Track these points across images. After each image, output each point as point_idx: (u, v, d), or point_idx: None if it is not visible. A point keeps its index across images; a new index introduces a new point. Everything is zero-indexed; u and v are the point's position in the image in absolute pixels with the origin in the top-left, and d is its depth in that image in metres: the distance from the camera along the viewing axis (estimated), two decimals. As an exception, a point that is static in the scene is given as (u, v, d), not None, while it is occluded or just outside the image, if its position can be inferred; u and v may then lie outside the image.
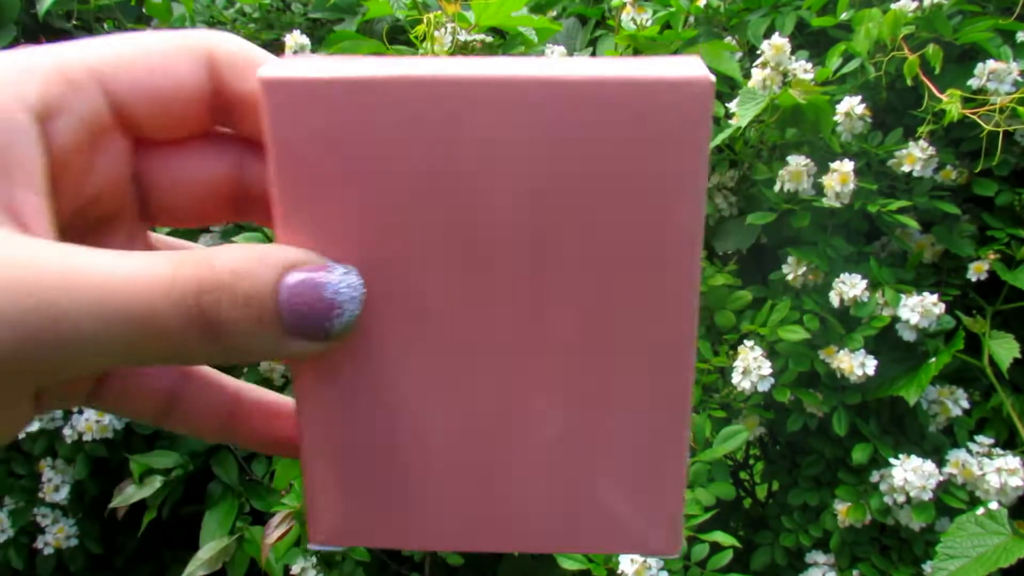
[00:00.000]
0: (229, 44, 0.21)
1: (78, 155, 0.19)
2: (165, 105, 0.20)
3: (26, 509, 0.95)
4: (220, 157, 0.22)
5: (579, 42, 0.96)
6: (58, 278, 0.16)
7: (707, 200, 0.83)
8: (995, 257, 0.76)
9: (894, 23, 0.73)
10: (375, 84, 0.18)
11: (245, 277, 0.18)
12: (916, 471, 0.70)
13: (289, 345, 0.18)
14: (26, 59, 0.19)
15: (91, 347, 0.17)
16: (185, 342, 0.17)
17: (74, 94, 0.19)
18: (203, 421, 0.23)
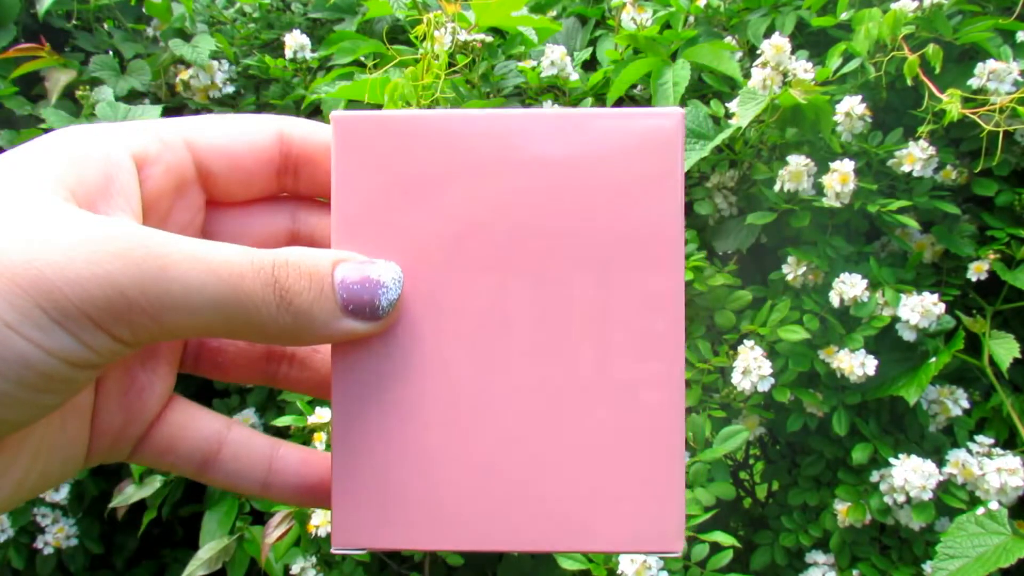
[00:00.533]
0: (297, 120, 0.25)
1: (162, 198, 0.23)
2: (240, 164, 0.24)
3: (26, 509, 0.95)
4: (278, 213, 0.26)
5: (579, 42, 0.96)
6: (164, 242, 0.20)
7: (707, 200, 0.83)
8: (995, 257, 0.76)
9: (894, 23, 0.73)
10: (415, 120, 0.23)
11: (306, 260, 0.22)
12: (916, 471, 0.70)
13: (343, 322, 0.22)
14: (129, 124, 0.23)
15: (190, 296, 0.20)
16: (265, 303, 0.21)
17: (165, 149, 0.23)
18: (244, 470, 0.25)
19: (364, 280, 0.22)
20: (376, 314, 0.22)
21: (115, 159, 0.22)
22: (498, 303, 0.23)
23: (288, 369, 0.28)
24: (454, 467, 0.23)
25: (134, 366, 0.24)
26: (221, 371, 0.27)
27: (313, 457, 0.26)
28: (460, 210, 0.23)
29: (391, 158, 0.23)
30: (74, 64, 0.95)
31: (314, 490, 0.25)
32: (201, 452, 0.25)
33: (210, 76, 0.96)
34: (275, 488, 0.25)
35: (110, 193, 0.21)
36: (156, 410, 0.24)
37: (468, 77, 0.83)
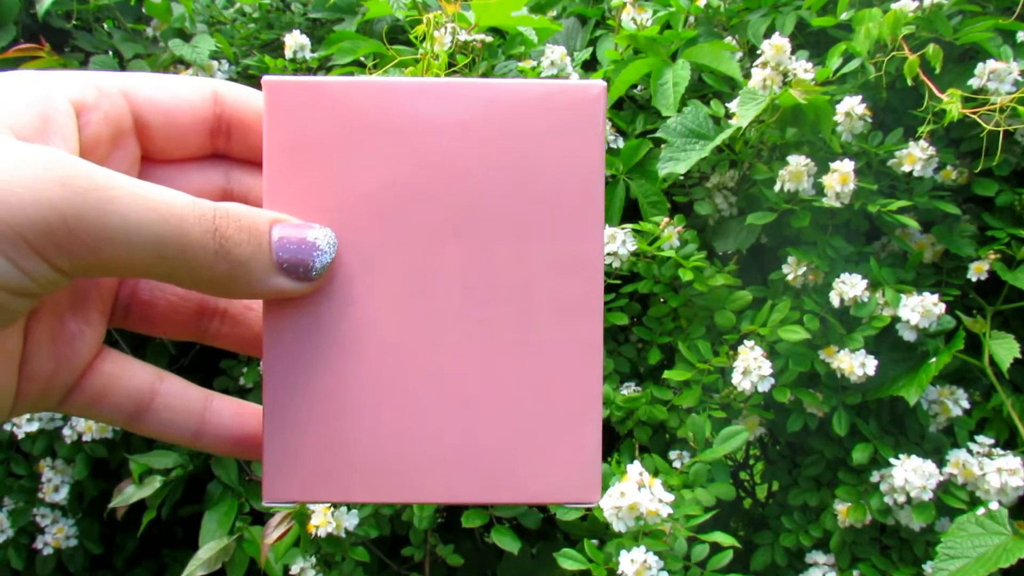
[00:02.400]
0: (231, 84, 0.26)
1: (99, 146, 0.23)
2: (176, 119, 0.25)
3: (26, 509, 0.95)
4: (212, 172, 0.26)
5: (579, 42, 0.96)
6: (109, 176, 0.20)
7: (707, 200, 0.83)
8: (995, 257, 0.76)
9: (894, 23, 0.73)
10: (345, 85, 0.24)
11: (246, 215, 0.22)
12: (916, 471, 0.70)
13: (277, 279, 0.22)
14: (69, 72, 0.23)
15: (130, 232, 0.20)
16: (204, 250, 0.21)
17: (103, 97, 0.23)
18: (175, 420, 0.25)
19: (300, 241, 0.23)
20: (309, 275, 0.23)
21: (53, 101, 0.22)
22: (426, 264, 0.24)
23: (220, 325, 0.28)
24: (383, 423, 0.24)
25: (64, 313, 0.24)
26: (151, 324, 0.27)
27: (245, 410, 0.26)
28: (389, 174, 0.24)
29: (322, 123, 0.24)
30: (74, 64, 0.94)
31: (245, 442, 0.26)
32: (132, 402, 0.25)
33: (210, 76, 0.96)
34: (206, 438, 0.25)
35: (48, 133, 0.21)
36: (87, 358, 0.24)
37: (468, 77, 0.83)
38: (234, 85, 0.26)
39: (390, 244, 0.24)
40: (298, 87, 0.24)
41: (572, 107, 0.24)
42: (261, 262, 0.22)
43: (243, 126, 0.26)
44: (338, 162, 0.24)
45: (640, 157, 0.82)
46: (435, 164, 0.24)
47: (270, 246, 0.22)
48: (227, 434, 0.26)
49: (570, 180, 0.24)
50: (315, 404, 0.24)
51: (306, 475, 0.24)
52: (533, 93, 0.24)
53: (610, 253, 0.77)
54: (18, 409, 0.23)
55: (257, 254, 0.22)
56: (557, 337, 0.24)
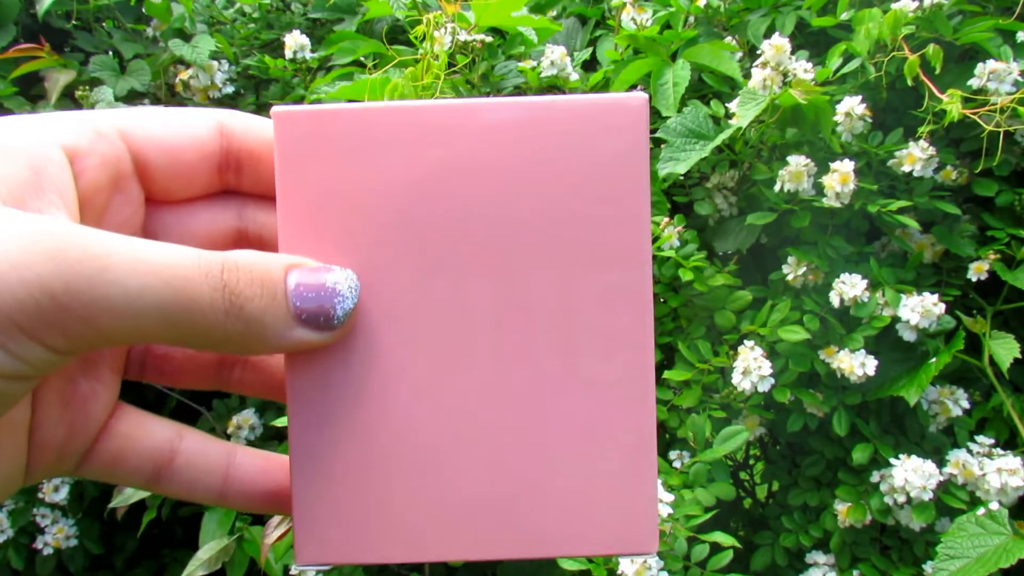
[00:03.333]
0: (238, 114, 0.24)
1: (98, 193, 0.21)
2: (179, 158, 0.23)
3: (26, 509, 0.95)
4: (223, 211, 0.24)
5: (579, 42, 0.96)
6: (103, 241, 0.18)
7: (707, 200, 0.83)
8: (995, 257, 0.76)
9: (894, 23, 0.73)
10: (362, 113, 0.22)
11: (258, 264, 0.20)
12: (916, 471, 0.70)
13: (296, 331, 0.21)
14: (59, 115, 0.21)
15: (130, 301, 0.18)
16: (213, 310, 0.19)
17: (99, 140, 0.21)
18: (199, 480, 0.24)
19: (319, 288, 0.21)
20: (331, 324, 0.21)
21: (44, 151, 0.20)
22: (457, 304, 0.22)
23: (241, 373, 0.26)
24: (419, 477, 0.22)
25: (75, 375, 0.22)
26: (168, 378, 0.26)
27: (271, 464, 0.24)
28: (412, 206, 0.22)
29: (338, 155, 0.22)
30: (74, 64, 0.94)
31: (273, 497, 0.24)
32: (152, 462, 0.23)
33: (210, 76, 0.96)
34: (232, 497, 0.24)
35: (40, 188, 0.19)
36: (101, 421, 0.23)
37: (468, 77, 0.83)
38: (240, 115, 0.24)
39: (418, 282, 0.22)
40: (311, 117, 0.22)
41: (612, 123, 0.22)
42: (278, 316, 0.20)
43: (253, 159, 0.24)
44: (357, 195, 0.22)
45: (640, 157, 0.82)
46: (462, 192, 0.22)
47: (286, 296, 0.20)
48: (254, 491, 0.24)
49: (613, 203, 0.22)
50: (345, 459, 0.22)
51: (339, 536, 0.22)
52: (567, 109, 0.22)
53: (610, 253, 0.77)
54: (31, 479, 0.22)
55: (272, 307, 0.20)
56: (605, 375, 0.22)
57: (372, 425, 0.22)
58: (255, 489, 0.24)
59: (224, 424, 0.88)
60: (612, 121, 0.22)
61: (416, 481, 0.22)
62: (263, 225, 0.25)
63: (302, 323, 0.21)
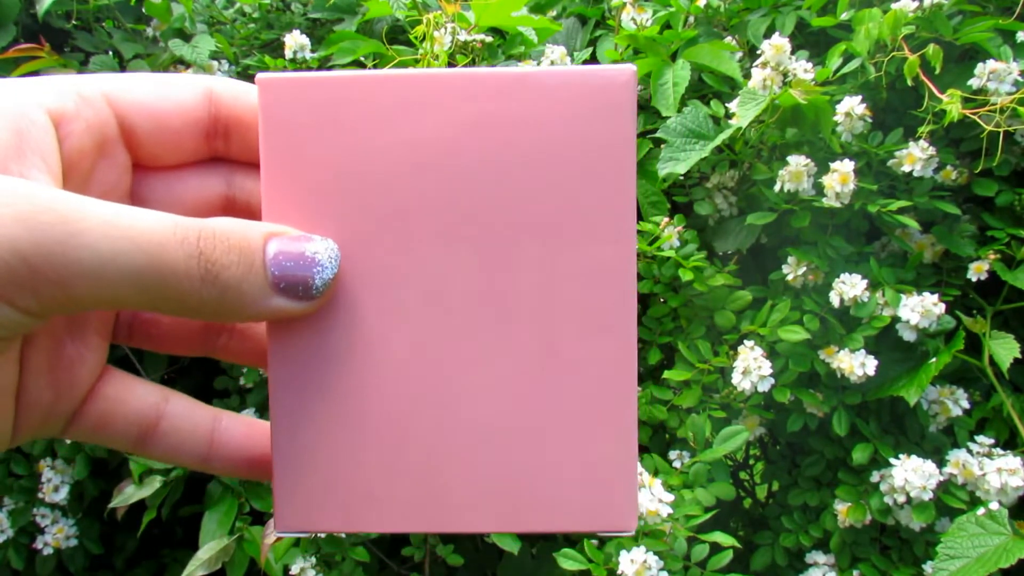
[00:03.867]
0: (227, 80, 0.24)
1: (83, 158, 0.21)
2: (165, 123, 0.22)
3: (26, 509, 0.95)
4: (211, 177, 0.24)
5: (579, 42, 0.96)
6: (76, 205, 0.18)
7: (707, 200, 0.83)
8: (995, 257, 0.76)
9: (894, 23, 0.73)
10: (348, 81, 0.21)
11: (236, 232, 0.20)
12: (916, 471, 0.70)
13: (274, 300, 0.20)
14: (44, 79, 0.21)
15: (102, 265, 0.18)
16: (188, 277, 0.19)
17: (84, 104, 0.21)
18: (184, 444, 0.24)
19: (298, 257, 0.21)
20: (309, 294, 0.21)
21: (27, 115, 0.20)
22: (440, 276, 0.22)
23: (228, 340, 0.26)
24: (398, 447, 0.22)
25: (62, 338, 0.22)
26: (156, 342, 0.26)
27: (256, 430, 0.24)
28: (396, 175, 0.22)
29: (323, 123, 0.21)
30: (74, 64, 0.94)
31: (257, 464, 0.24)
32: (138, 426, 0.23)
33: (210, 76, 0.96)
34: (217, 461, 0.24)
35: (23, 152, 0.19)
36: (88, 384, 0.23)
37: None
38: (229, 81, 0.24)
39: (400, 252, 0.22)
40: (295, 84, 0.21)
41: (598, 95, 0.21)
42: (254, 284, 0.20)
43: (242, 126, 0.23)
44: (340, 164, 0.22)
45: (640, 157, 0.83)
46: (446, 162, 0.21)
47: (264, 265, 0.20)
48: (238, 456, 0.24)
49: (597, 177, 0.21)
50: (325, 429, 0.22)
51: (319, 504, 0.22)
52: (553, 81, 0.21)
53: (610, 253, 0.77)
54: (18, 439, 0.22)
55: (249, 275, 0.20)
56: (586, 352, 0.22)
57: (352, 395, 0.22)
58: (239, 455, 0.24)
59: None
60: (599, 94, 0.21)
61: (395, 452, 0.22)
62: (251, 192, 0.25)
63: (280, 292, 0.21)
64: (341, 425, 0.22)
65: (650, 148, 0.82)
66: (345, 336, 0.22)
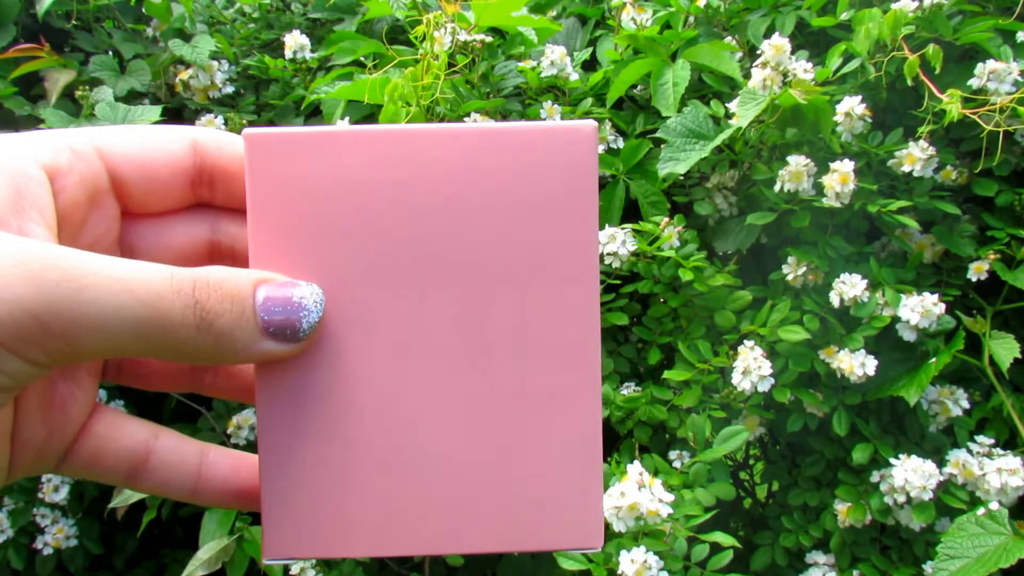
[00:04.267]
0: (211, 131, 0.25)
1: (76, 210, 0.23)
2: (154, 174, 0.24)
3: (26, 509, 0.95)
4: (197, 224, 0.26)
5: (579, 42, 0.96)
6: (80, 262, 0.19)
7: (707, 200, 0.83)
8: (995, 257, 0.76)
9: (894, 23, 0.73)
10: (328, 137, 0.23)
11: (228, 281, 0.21)
12: (916, 471, 0.70)
13: (263, 344, 0.22)
14: (39, 134, 0.22)
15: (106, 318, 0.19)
16: (184, 326, 0.20)
17: (77, 159, 0.22)
18: (173, 478, 0.25)
19: (286, 302, 0.22)
20: (296, 336, 0.22)
21: (25, 171, 0.21)
22: (419, 318, 0.23)
23: (214, 378, 0.27)
24: (380, 477, 0.23)
25: (55, 379, 0.23)
26: (145, 380, 0.27)
27: (242, 462, 0.26)
28: (377, 224, 0.23)
29: (306, 175, 0.23)
30: (74, 64, 0.94)
31: (244, 495, 0.25)
32: (128, 462, 0.24)
33: (210, 76, 0.96)
34: (205, 494, 0.25)
35: (21, 207, 0.21)
36: (80, 422, 0.24)
37: (468, 77, 0.83)
38: (213, 132, 0.25)
39: (381, 296, 0.23)
40: (279, 140, 0.23)
41: (563, 148, 0.23)
42: (245, 329, 0.21)
43: (226, 175, 0.25)
44: (324, 214, 0.23)
45: (640, 157, 0.83)
46: (423, 213, 0.23)
47: (254, 311, 0.22)
48: (225, 488, 0.25)
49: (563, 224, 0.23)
50: (312, 460, 0.23)
51: (306, 532, 0.23)
52: (521, 136, 0.23)
53: (610, 253, 0.77)
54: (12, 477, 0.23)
55: (241, 321, 0.21)
56: (555, 386, 0.24)
57: (336, 428, 0.23)
58: (226, 487, 0.25)
59: (224, 424, 0.88)
60: (563, 148, 0.23)
61: (377, 481, 0.24)
62: (235, 238, 0.26)
63: (269, 336, 0.22)
64: (325, 458, 0.24)
65: (650, 148, 0.82)
66: (329, 374, 0.23)
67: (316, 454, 0.23)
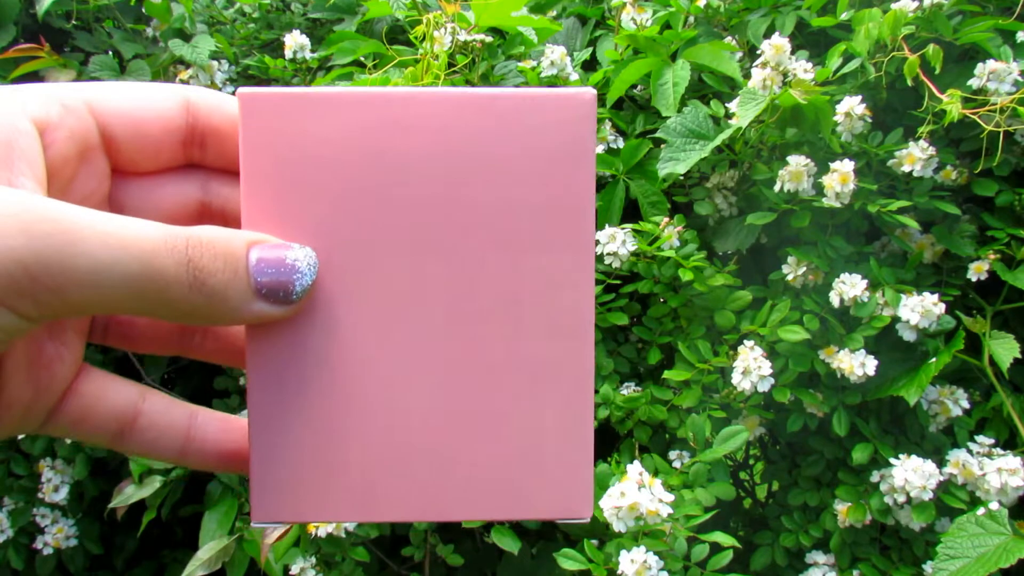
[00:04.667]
0: (204, 90, 0.25)
1: (66, 165, 0.22)
2: (145, 131, 0.23)
3: (26, 509, 0.95)
4: (188, 184, 0.25)
5: (579, 42, 0.96)
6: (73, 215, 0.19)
7: (707, 200, 0.83)
8: (995, 257, 0.76)
9: (894, 23, 0.73)
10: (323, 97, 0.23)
11: (221, 240, 0.21)
12: (916, 471, 0.70)
13: (256, 305, 0.22)
14: (28, 88, 0.22)
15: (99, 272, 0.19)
16: (178, 283, 0.20)
17: (67, 113, 0.22)
18: (160, 439, 0.25)
19: (279, 263, 0.22)
20: (289, 299, 0.22)
21: (15, 124, 0.21)
22: (411, 282, 0.23)
23: (202, 340, 0.27)
24: (370, 442, 0.23)
25: (41, 337, 0.23)
26: (132, 341, 0.26)
27: (232, 424, 0.25)
28: (370, 187, 0.23)
29: (300, 136, 0.23)
30: (74, 64, 0.94)
31: (233, 457, 0.25)
32: (115, 422, 0.24)
33: (210, 76, 0.96)
34: (193, 456, 0.25)
35: (11, 160, 0.20)
36: (66, 381, 0.23)
37: (468, 77, 0.83)
38: (206, 91, 0.24)
39: (374, 260, 0.23)
40: (274, 99, 0.23)
41: (562, 114, 0.23)
42: (239, 289, 0.21)
43: (218, 135, 0.24)
44: (317, 177, 0.23)
45: (640, 157, 0.83)
46: (418, 176, 0.23)
47: (248, 271, 0.21)
48: (214, 449, 0.25)
49: (560, 190, 0.23)
50: (301, 424, 0.23)
51: (294, 496, 0.23)
52: (521, 100, 0.23)
53: (610, 253, 0.77)
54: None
55: (234, 281, 0.21)
56: (547, 353, 0.23)
57: (326, 393, 0.23)
58: (214, 449, 0.25)
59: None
60: (562, 113, 0.23)
61: (367, 446, 0.23)
62: (226, 199, 0.26)
63: (262, 297, 0.22)
64: (316, 421, 0.23)
65: (650, 148, 0.82)
66: (320, 338, 0.23)
67: (304, 419, 0.23)
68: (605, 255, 0.77)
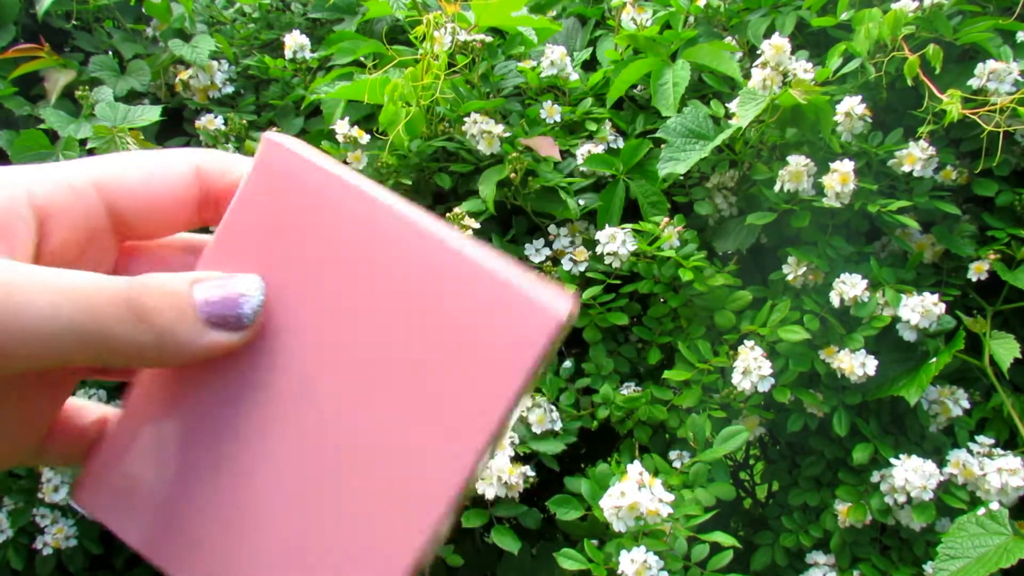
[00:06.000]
0: (212, 154, 0.25)
1: (68, 250, 0.22)
2: (156, 206, 0.24)
3: (25, 509, 0.95)
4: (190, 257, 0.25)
5: (579, 42, 0.96)
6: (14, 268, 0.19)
7: (707, 200, 0.83)
8: (995, 257, 0.76)
9: (894, 23, 0.73)
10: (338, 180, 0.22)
11: (163, 280, 0.21)
12: (917, 471, 0.70)
13: (208, 335, 0.21)
14: (40, 170, 0.22)
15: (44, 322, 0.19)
16: (121, 323, 0.20)
17: (76, 199, 0.22)
18: None
19: (224, 288, 0.22)
20: (241, 323, 0.22)
21: (15, 209, 0.21)
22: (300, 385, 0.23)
23: None
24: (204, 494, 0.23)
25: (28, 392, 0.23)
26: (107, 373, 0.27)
27: None
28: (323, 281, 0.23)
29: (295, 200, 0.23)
30: (74, 64, 0.94)
31: None
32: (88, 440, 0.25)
33: (210, 76, 0.96)
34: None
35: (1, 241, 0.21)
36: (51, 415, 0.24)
37: (468, 77, 0.83)
38: (216, 155, 0.25)
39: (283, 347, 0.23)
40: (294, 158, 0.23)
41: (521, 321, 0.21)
42: (188, 324, 0.21)
43: (229, 198, 0.24)
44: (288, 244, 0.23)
45: (640, 157, 0.83)
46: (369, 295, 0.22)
47: (193, 306, 0.21)
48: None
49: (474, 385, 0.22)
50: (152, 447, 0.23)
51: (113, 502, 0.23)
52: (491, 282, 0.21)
53: (610, 253, 0.77)
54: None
55: (181, 318, 0.21)
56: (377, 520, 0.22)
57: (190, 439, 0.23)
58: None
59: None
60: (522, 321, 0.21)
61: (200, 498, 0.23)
62: None
63: (214, 327, 0.21)
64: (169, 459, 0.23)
65: (650, 148, 0.82)
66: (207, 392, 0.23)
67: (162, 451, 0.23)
68: (605, 255, 0.77)
